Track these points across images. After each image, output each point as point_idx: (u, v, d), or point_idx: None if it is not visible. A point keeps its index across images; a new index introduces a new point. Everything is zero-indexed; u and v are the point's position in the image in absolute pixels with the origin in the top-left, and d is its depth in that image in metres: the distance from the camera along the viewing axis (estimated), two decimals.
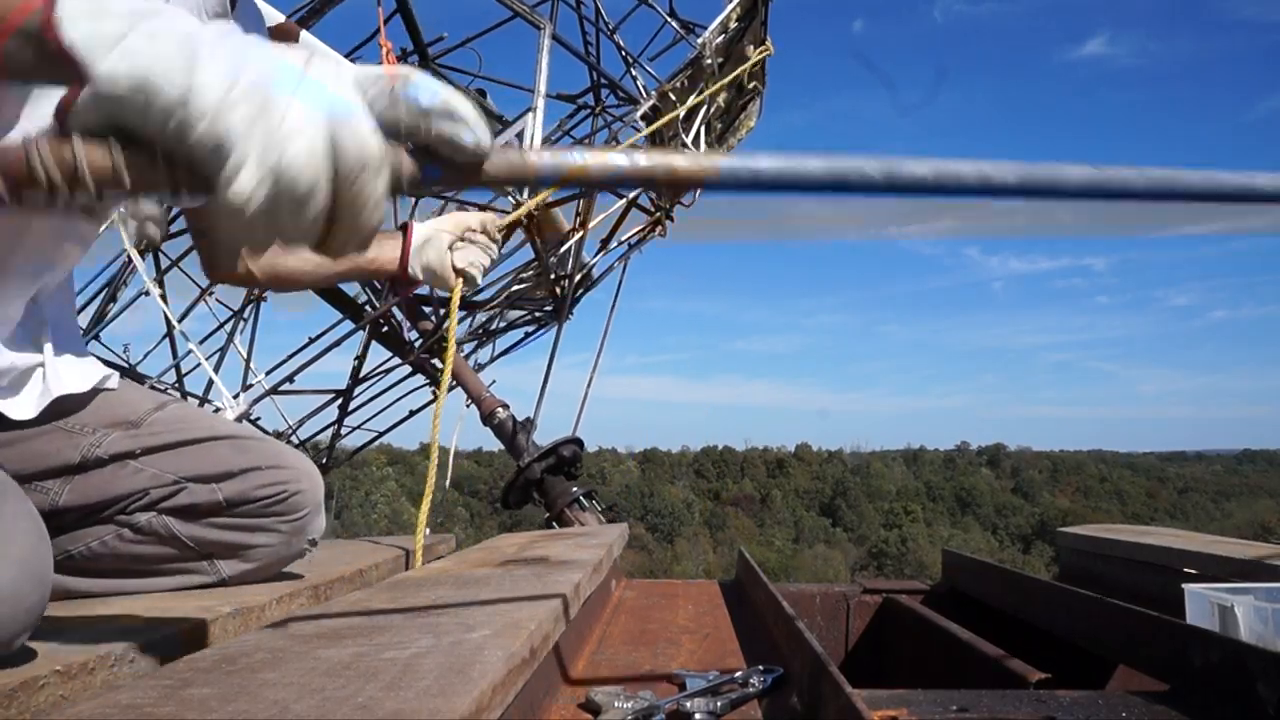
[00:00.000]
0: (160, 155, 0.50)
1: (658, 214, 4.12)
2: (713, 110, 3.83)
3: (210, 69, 0.50)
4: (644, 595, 1.91)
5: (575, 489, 3.02)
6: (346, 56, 3.40)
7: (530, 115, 3.24)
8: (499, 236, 1.59)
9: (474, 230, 1.54)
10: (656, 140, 3.64)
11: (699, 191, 4.25)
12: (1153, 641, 1.24)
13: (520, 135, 3.24)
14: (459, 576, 1.17)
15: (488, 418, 3.35)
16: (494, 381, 3.76)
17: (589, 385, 4.16)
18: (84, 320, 4.07)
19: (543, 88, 3.26)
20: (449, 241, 1.52)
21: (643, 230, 4.25)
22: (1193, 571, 1.77)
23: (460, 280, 1.53)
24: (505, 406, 3.35)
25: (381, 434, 4.53)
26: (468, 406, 3.40)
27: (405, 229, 1.51)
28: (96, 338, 4.13)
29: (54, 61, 0.50)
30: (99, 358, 1.30)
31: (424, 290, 3.99)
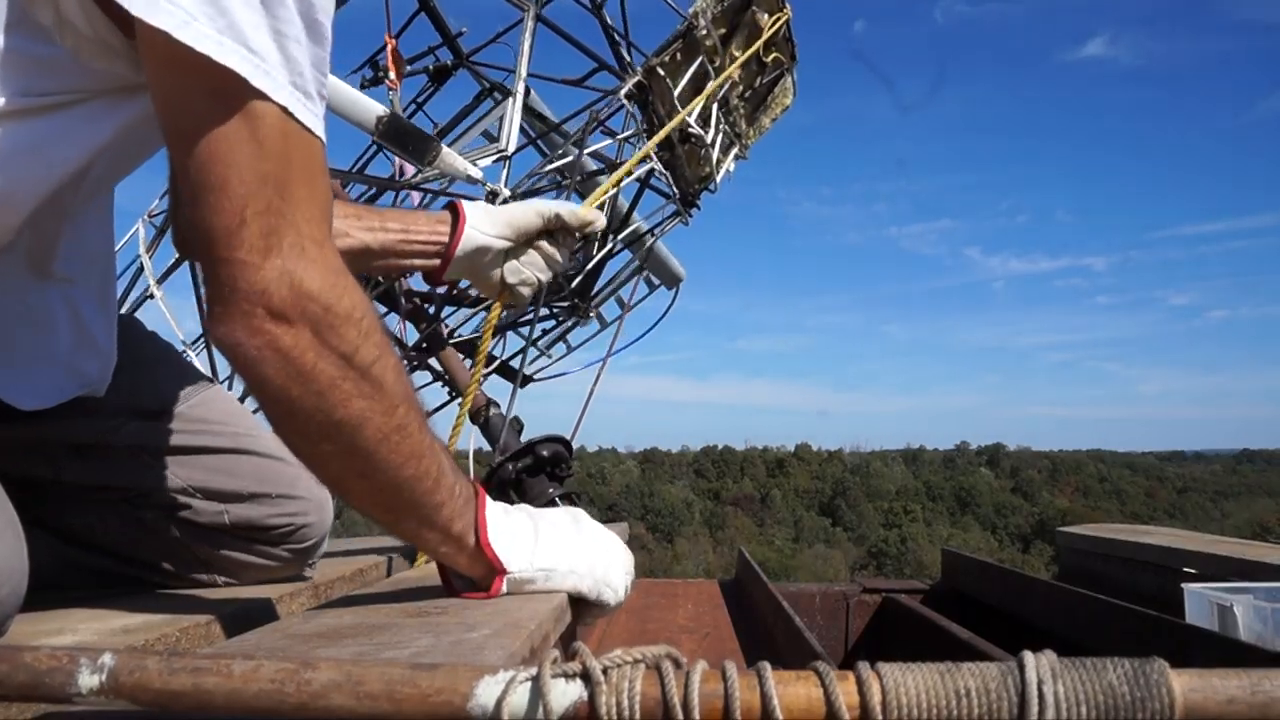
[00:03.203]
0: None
1: (678, 198, 3.65)
2: (732, 92, 3.44)
3: (578, 567, 0.91)
4: (644, 595, 1.91)
5: (551, 490, 2.83)
6: (363, 66, 3.27)
7: (510, 101, 3.10)
8: (579, 239, 1.24)
9: (547, 231, 1.21)
10: (666, 144, 3.36)
11: (727, 172, 3.66)
12: (1152, 640, 1.24)
13: (501, 120, 3.15)
14: None
15: (475, 415, 3.26)
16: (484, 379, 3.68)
17: (595, 384, 3.94)
18: None
19: (523, 71, 3.14)
20: (502, 249, 1.20)
21: (666, 219, 3.85)
22: (1192, 571, 1.77)
23: (506, 296, 1.23)
24: (495, 404, 3.28)
25: None
26: (453, 399, 3.32)
27: (456, 218, 1.19)
28: None
29: (487, 568, 0.88)
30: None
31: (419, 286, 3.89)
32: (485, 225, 1.18)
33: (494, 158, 3.01)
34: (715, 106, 3.32)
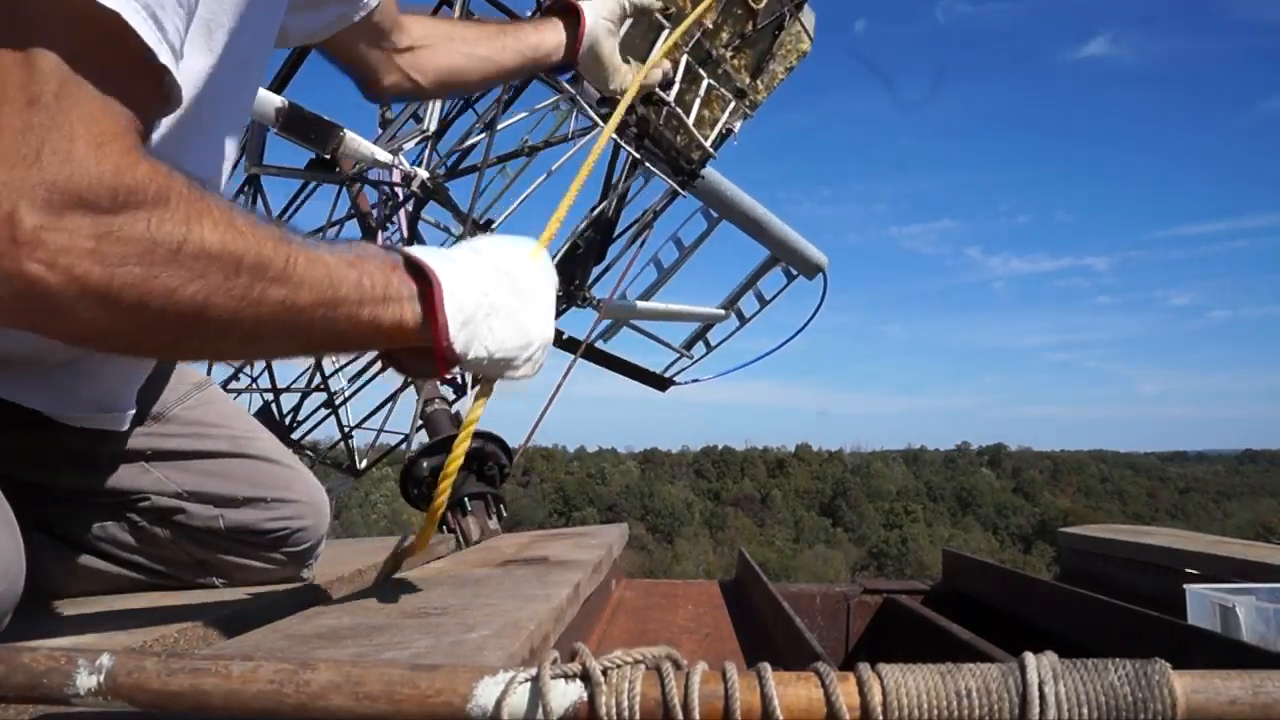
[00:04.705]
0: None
1: (679, 176, 3.26)
2: (713, 41, 2.89)
3: (532, 339, 0.82)
4: (644, 595, 1.91)
5: (466, 493, 2.66)
6: None
7: None
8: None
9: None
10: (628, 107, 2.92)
11: (730, 133, 3.15)
12: (1154, 641, 1.24)
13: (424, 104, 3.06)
14: (459, 576, 1.17)
15: (424, 406, 3.08)
16: None
17: (563, 380, 3.53)
18: None
19: None
20: (616, 34, 1.33)
21: (664, 198, 3.45)
22: (1194, 572, 1.77)
23: (638, 72, 1.33)
24: (444, 398, 3.14)
25: (409, 435, 4.35)
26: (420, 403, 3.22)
27: (572, 18, 1.30)
28: None
29: (434, 358, 0.78)
30: None
31: None
32: (598, 7, 1.29)
33: (417, 140, 2.89)
34: (686, 58, 2.80)
